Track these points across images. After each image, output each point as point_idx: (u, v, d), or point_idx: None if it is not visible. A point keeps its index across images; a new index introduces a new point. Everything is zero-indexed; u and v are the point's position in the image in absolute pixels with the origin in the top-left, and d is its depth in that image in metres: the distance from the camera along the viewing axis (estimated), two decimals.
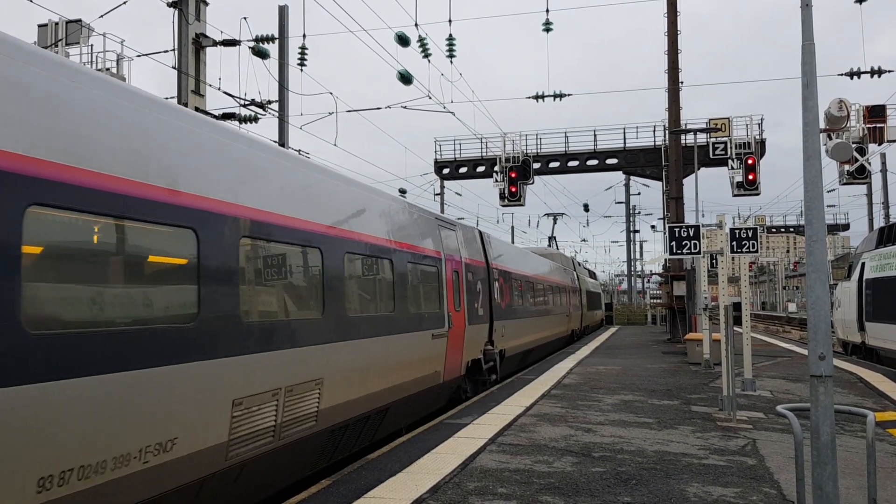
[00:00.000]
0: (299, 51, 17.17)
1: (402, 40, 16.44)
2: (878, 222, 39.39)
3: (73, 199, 4.57)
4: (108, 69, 17.53)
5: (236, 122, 16.49)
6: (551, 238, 45.65)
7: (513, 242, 49.73)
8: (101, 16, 14.82)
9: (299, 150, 16.99)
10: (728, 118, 28.96)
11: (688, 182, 28.23)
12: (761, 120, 30.00)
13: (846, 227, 63.33)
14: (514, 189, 29.63)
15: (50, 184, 4.40)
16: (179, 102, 13.87)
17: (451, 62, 18.94)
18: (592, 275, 50.03)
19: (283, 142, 16.29)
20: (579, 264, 40.40)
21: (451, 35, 18.57)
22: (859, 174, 24.32)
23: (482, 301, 14.63)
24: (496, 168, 30.63)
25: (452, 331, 12.26)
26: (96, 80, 5.12)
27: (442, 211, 38.04)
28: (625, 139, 33.19)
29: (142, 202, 5.15)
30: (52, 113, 4.57)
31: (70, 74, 4.87)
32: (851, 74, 22.29)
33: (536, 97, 24.09)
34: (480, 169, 34.56)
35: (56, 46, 17.74)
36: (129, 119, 5.27)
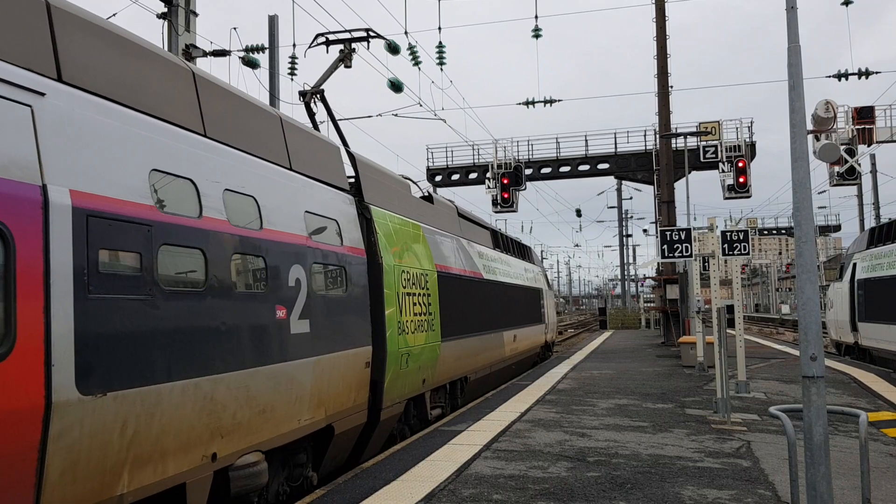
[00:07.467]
0: (289, 60, 17.21)
1: (393, 49, 16.46)
2: (870, 223, 39.57)
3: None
4: None
5: None
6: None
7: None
8: None
9: None
10: (718, 121, 29.05)
11: (679, 186, 28.36)
12: (751, 123, 30.17)
13: (837, 227, 63.58)
14: (506, 195, 29.70)
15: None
16: None
17: (442, 70, 19.00)
18: (521, 250, 22.22)
19: None
20: (459, 213, 14.87)
21: (440, 43, 18.63)
22: (849, 175, 24.48)
23: None
24: (488, 174, 30.69)
25: None
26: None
27: None
28: (616, 144, 33.34)
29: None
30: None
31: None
32: (839, 76, 22.45)
33: (527, 103, 24.19)
34: (472, 176, 34.64)
35: None
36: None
